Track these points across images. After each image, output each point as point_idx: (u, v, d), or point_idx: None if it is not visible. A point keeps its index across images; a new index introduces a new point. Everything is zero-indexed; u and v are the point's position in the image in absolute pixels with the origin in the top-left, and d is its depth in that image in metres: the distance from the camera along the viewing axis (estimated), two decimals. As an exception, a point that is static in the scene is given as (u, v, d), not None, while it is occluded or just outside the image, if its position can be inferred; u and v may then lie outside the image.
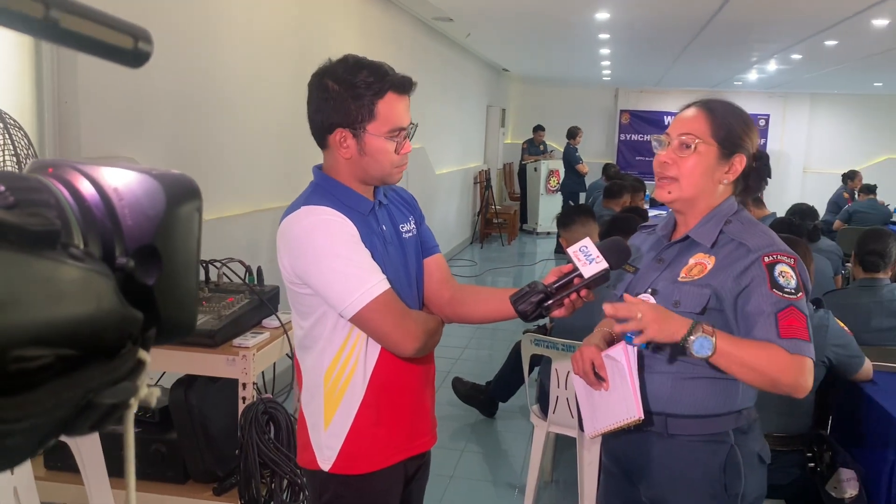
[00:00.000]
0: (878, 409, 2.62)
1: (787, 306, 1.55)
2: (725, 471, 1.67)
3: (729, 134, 1.66)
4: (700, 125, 1.67)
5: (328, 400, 1.67)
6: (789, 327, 1.54)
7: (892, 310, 3.38)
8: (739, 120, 1.70)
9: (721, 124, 1.66)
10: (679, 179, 1.67)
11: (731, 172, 1.68)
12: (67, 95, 2.94)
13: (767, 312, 1.55)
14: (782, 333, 1.53)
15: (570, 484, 3.59)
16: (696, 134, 1.66)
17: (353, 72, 1.58)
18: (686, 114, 1.71)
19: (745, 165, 1.69)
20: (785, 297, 1.56)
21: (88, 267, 0.39)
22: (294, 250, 1.60)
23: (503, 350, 5.47)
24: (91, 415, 0.39)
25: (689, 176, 1.66)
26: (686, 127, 1.67)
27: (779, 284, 1.57)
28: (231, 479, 2.45)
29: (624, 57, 10.09)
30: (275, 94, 4.48)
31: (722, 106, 1.71)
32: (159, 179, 0.47)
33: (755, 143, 1.72)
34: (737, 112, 1.72)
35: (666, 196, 1.71)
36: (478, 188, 11.43)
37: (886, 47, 7.84)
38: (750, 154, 1.70)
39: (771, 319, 1.55)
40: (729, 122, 1.68)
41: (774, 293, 1.56)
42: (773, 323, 1.54)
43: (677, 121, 1.72)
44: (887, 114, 14.13)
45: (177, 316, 0.48)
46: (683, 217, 1.74)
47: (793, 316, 1.54)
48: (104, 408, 0.39)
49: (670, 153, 1.68)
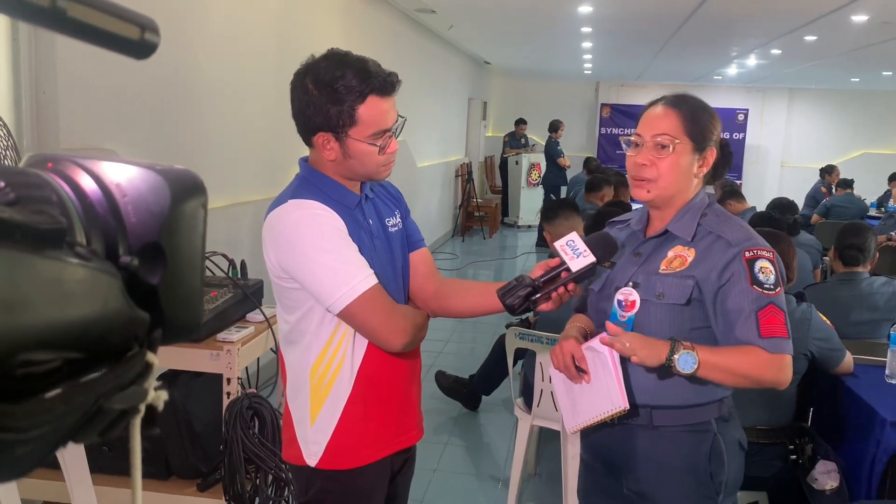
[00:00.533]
0: (859, 401, 2.66)
1: (766, 304, 1.58)
2: (710, 459, 1.69)
3: (700, 129, 1.68)
4: (673, 124, 1.67)
5: (314, 395, 1.66)
6: (769, 326, 1.57)
7: (871, 303, 3.42)
8: (706, 113, 1.72)
9: (692, 120, 1.68)
10: (657, 180, 1.68)
11: (704, 165, 1.71)
12: (46, 86, 2.89)
13: (748, 311, 1.59)
14: (763, 333, 1.57)
15: (553, 476, 3.61)
16: (672, 133, 1.66)
17: (335, 74, 1.53)
18: (655, 113, 1.71)
19: (716, 156, 1.72)
20: (765, 294, 1.59)
21: (95, 266, 0.38)
22: (281, 244, 1.58)
23: (485, 343, 5.48)
24: (100, 421, 0.37)
25: (667, 176, 1.67)
26: (659, 127, 1.68)
27: (759, 280, 1.59)
28: (215, 474, 2.43)
29: (605, 51, 10.11)
30: (257, 86, 4.44)
31: (688, 101, 1.72)
32: (163, 175, 0.46)
33: (719, 133, 1.75)
34: (703, 105, 1.74)
35: (645, 195, 1.72)
36: (459, 181, 11.41)
37: (865, 43, 7.92)
38: (718, 144, 1.73)
39: (752, 318, 1.58)
40: (697, 116, 1.69)
41: (754, 289, 1.59)
42: (754, 322, 1.58)
43: (648, 121, 1.71)
44: (864, 109, 14.30)
45: (182, 316, 0.46)
46: (659, 212, 1.75)
47: (772, 314, 1.58)
48: (114, 413, 0.38)
49: (646, 154, 1.68)
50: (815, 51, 8.77)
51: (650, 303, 1.67)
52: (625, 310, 1.70)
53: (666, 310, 1.66)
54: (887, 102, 14.15)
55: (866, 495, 2.52)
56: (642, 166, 1.69)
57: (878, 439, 2.51)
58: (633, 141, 1.73)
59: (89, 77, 3.05)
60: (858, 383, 2.77)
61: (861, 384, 2.76)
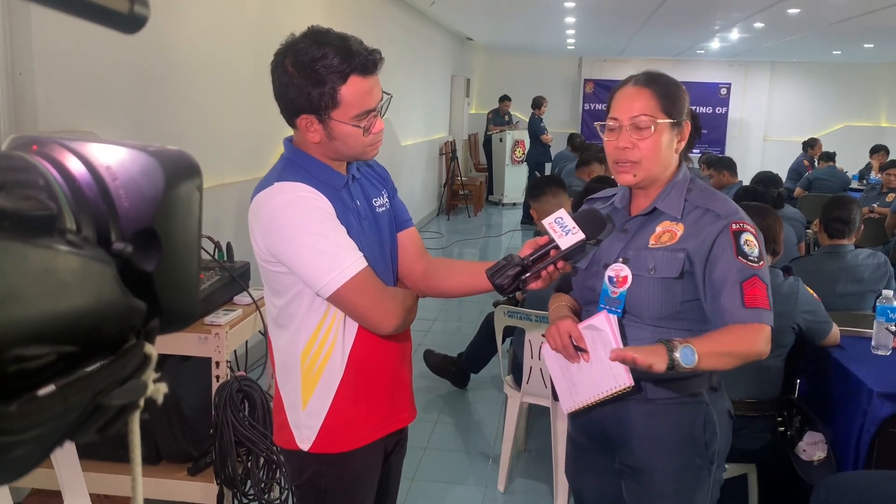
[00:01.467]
0: (846, 373, 2.68)
1: (751, 276, 1.60)
2: (705, 430, 1.71)
3: (674, 103, 1.68)
4: (648, 103, 1.66)
5: (305, 379, 1.64)
6: (753, 297, 1.59)
7: (856, 275, 3.45)
8: (677, 88, 1.72)
9: (664, 96, 1.67)
10: (641, 161, 1.67)
11: (682, 140, 1.71)
12: (22, 67, 2.82)
13: (733, 281, 1.60)
14: (746, 303, 1.59)
15: (542, 452, 3.63)
16: (649, 113, 1.65)
17: (314, 54, 1.48)
18: (628, 94, 1.69)
19: (690, 128, 1.72)
20: (749, 266, 1.61)
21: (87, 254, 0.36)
22: (268, 228, 1.55)
23: (472, 322, 5.48)
24: (99, 418, 0.35)
25: (651, 156, 1.66)
26: (636, 109, 1.66)
27: (744, 252, 1.62)
28: (206, 458, 2.42)
29: (589, 26, 10.05)
30: (238, 65, 4.37)
31: (658, 79, 1.71)
32: (156, 156, 0.44)
33: (689, 105, 1.74)
34: (672, 81, 1.73)
35: (631, 179, 1.70)
36: (443, 160, 11.36)
37: (847, 15, 7.92)
38: (689, 116, 1.73)
39: (736, 288, 1.60)
40: (670, 92, 1.68)
41: (740, 260, 1.61)
42: (739, 292, 1.59)
43: (622, 103, 1.69)
44: (845, 82, 14.34)
45: (178, 303, 0.44)
46: (643, 190, 1.75)
47: (756, 286, 1.60)
48: (113, 410, 0.36)
49: (627, 137, 1.66)
50: (798, 24, 8.76)
51: (642, 277, 1.67)
52: (616, 286, 1.69)
53: (658, 283, 1.66)
54: (868, 75, 14.21)
55: (854, 465, 2.55)
56: (624, 150, 1.67)
57: (865, 410, 2.53)
58: (608, 126, 1.71)
59: (67, 57, 2.99)
60: (845, 355, 2.79)
61: (848, 356, 2.78)
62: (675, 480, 1.73)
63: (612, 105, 1.71)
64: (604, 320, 1.66)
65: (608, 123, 1.71)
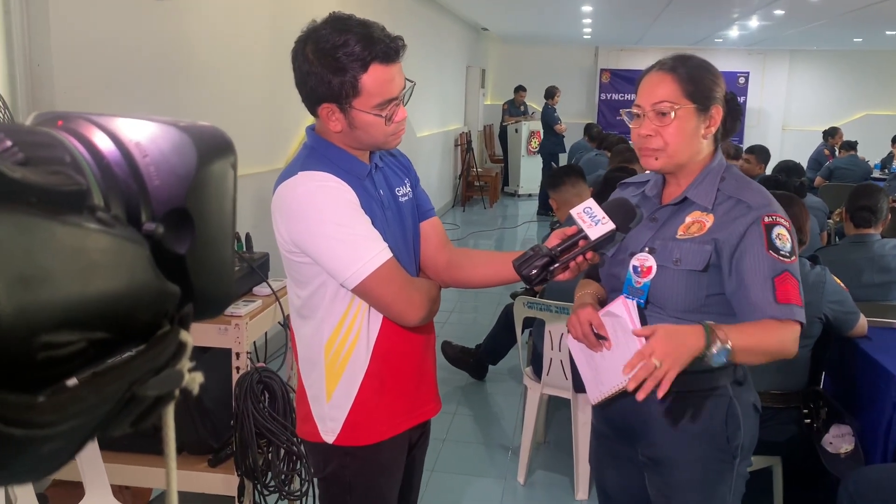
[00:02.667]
0: (874, 364, 2.63)
1: (783, 271, 1.55)
2: (727, 423, 1.67)
3: (700, 88, 1.62)
4: (670, 89, 1.61)
5: (330, 371, 1.62)
6: (785, 293, 1.54)
7: (883, 265, 3.38)
8: (705, 71, 1.66)
9: (690, 81, 1.62)
10: (665, 148, 1.63)
11: (711, 125, 1.65)
12: (40, 58, 2.81)
13: (764, 275, 1.55)
14: (779, 298, 1.53)
15: (561, 444, 3.60)
16: (671, 99, 1.61)
17: (336, 42, 1.45)
18: (651, 81, 1.65)
19: (722, 113, 1.66)
20: (781, 261, 1.55)
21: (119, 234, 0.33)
22: (292, 218, 1.53)
23: (488, 313, 5.45)
24: (133, 409, 0.33)
25: (674, 143, 1.62)
26: (657, 95, 1.62)
27: (775, 246, 1.56)
28: (226, 449, 2.41)
29: (606, 14, 9.95)
30: (254, 55, 4.35)
31: (683, 62, 1.65)
32: (188, 132, 0.41)
33: (724, 88, 1.68)
34: (700, 64, 1.67)
35: (654, 164, 1.66)
36: (459, 151, 11.31)
37: (870, 1, 7.79)
38: (723, 101, 1.67)
39: (768, 283, 1.54)
40: (696, 75, 1.63)
41: (770, 255, 1.55)
42: (770, 287, 1.54)
43: (645, 90, 1.65)
44: (866, 70, 14.13)
45: (212, 288, 0.41)
46: (674, 177, 1.71)
47: (788, 282, 1.54)
48: (148, 401, 0.33)
49: (649, 125, 1.63)
50: (819, 10, 8.63)
51: (666, 269, 1.63)
52: (640, 276, 1.65)
53: (683, 276, 1.62)
54: (890, 62, 13.98)
55: (882, 458, 2.50)
56: (647, 137, 1.63)
57: (893, 402, 2.48)
58: (633, 112, 1.67)
59: (84, 48, 2.98)
60: (872, 346, 2.74)
61: (875, 346, 2.73)
62: (697, 473, 1.70)
63: (638, 91, 1.68)
64: (621, 306, 1.62)
65: (633, 110, 1.67)
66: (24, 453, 0.27)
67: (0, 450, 0.26)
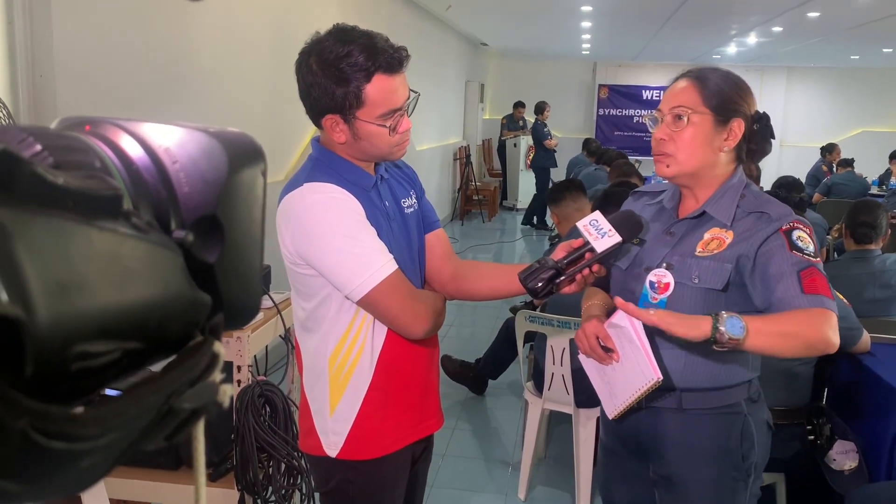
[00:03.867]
0: (878, 380, 2.61)
1: (808, 266, 1.50)
2: (742, 442, 1.65)
3: (722, 100, 1.61)
4: (690, 95, 1.61)
5: (333, 384, 1.60)
6: (812, 284, 1.49)
7: (884, 281, 3.38)
8: (732, 84, 1.65)
9: (713, 91, 1.61)
10: (676, 154, 1.61)
11: (730, 139, 1.63)
12: (43, 69, 2.81)
13: (789, 272, 1.50)
14: (806, 289, 1.48)
15: (562, 460, 3.58)
16: (687, 105, 1.60)
17: (339, 52, 1.45)
18: (676, 86, 1.66)
19: (745, 129, 1.63)
20: (805, 258, 1.52)
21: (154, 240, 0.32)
22: (297, 230, 1.52)
23: (487, 327, 5.44)
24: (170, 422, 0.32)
25: (685, 149, 1.60)
26: (677, 100, 1.62)
27: (798, 247, 1.53)
28: (227, 463, 2.39)
29: (605, 30, 10.01)
30: (255, 68, 4.36)
31: (713, 73, 1.65)
32: (218, 138, 0.40)
33: (752, 106, 1.66)
34: (729, 77, 1.67)
35: (665, 171, 1.65)
36: (458, 165, 11.32)
37: (867, 19, 7.84)
38: (748, 117, 1.64)
39: (793, 278, 1.49)
40: (721, 86, 1.62)
41: (794, 254, 1.52)
42: (797, 281, 1.49)
43: (668, 95, 1.66)
44: (863, 87, 14.22)
45: (241, 298, 0.40)
46: (690, 190, 1.68)
47: (814, 275, 1.50)
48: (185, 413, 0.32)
49: (664, 129, 1.62)
50: (817, 27, 8.68)
51: (684, 286, 1.60)
52: (657, 292, 1.64)
53: (701, 294, 1.59)
54: (887, 80, 14.06)
55: (886, 475, 2.48)
56: (661, 141, 1.63)
57: (898, 419, 2.47)
58: (654, 117, 1.67)
59: (86, 60, 2.98)
60: (875, 362, 2.72)
61: (878, 363, 2.71)
62: (710, 493, 1.68)
63: (662, 98, 1.69)
64: (624, 316, 1.60)
65: (655, 114, 1.67)
66: (64, 467, 0.26)
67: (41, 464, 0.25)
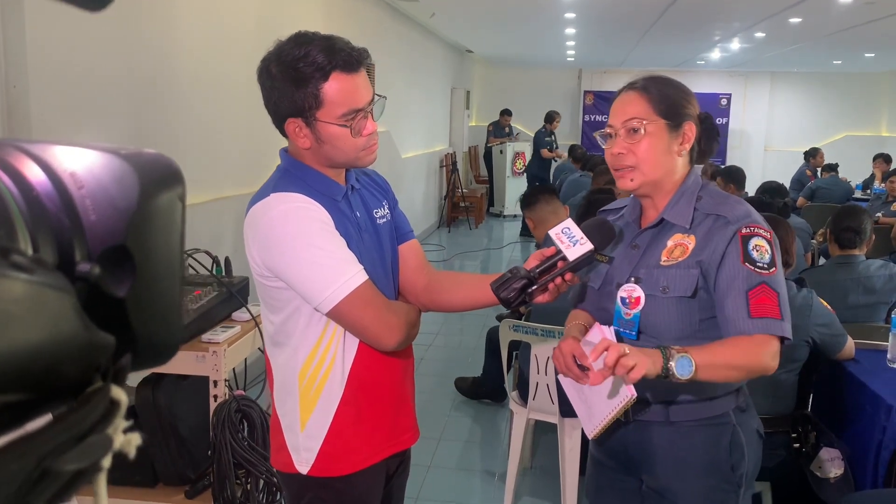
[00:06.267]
0: (862, 387, 2.60)
1: (758, 283, 1.50)
2: (731, 452, 1.63)
3: (671, 105, 1.61)
4: (640, 106, 1.60)
5: (304, 399, 1.57)
6: (759, 306, 1.49)
7: (868, 286, 3.38)
8: (675, 89, 1.65)
9: (660, 98, 1.61)
10: (638, 166, 1.61)
11: (685, 142, 1.63)
12: (16, 79, 2.76)
13: (738, 289, 1.50)
14: (752, 312, 1.49)
15: (548, 470, 3.54)
16: (640, 116, 1.59)
17: (296, 54, 1.44)
18: (622, 100, 1.65)
19: (696, 131, 1.64)
20: (756, 273, 1.50)
21: (39, 280, 0.29)
22: (264, 241, 1.48)
23: (475, 335, 5.41)
24: (49, 486, 0.28)
25: (647, 159, 1.60)
26: (628, 113, 1.61)
27: (752, 258, 1.51)
28: (204, 480, 2.34)
29: (589, 37, 10.02)
30: (237, 78, 4.32)
31: (655, 81, 1.65)
32: (129, 160, 0.37)
33: (696, 107, 1.67)
34: (671, 83, 1.67)
35: (630, 184, 1.64)
36: (444, 172, 11.31)
37: (849, 24, 7.89)
38: (696, 119, 1.65)
39: (741, 298, 1.50)
40: (666, 93, 1.62)
41: (746, 266, 1.51)
42: (744, 301, 1.50)
43: (617, 110, 1.65)
44: (846, 92, 14.32)
45: (157, 334, 0.37)
46: (651, 200, 1.68)
47: (763, 294, 1.49)
48: (66, 476, 0.29)
49: (621, 143, 1.61)
50: (799, 33, 8.72)
51: (655, 297, 1.59)
52: (629, 307, 1.62)
53: (672, 303, 1.58)
54: (869, 84, 14.18)
55: (872, 483, 2.47)
56: (619, 155, 1.62)
57: (883, 426, 2.45)
58: (606, 133, 1.66)
59: (62, 69, 2.93)
60: (860, 368, 2.71)
61: (863, 369, 2.70)
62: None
63: (610, 113, 1.67)
64: (597, 333, 1.59)
65: (606, 131, 1.66)
66: None
67: None
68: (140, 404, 2.28)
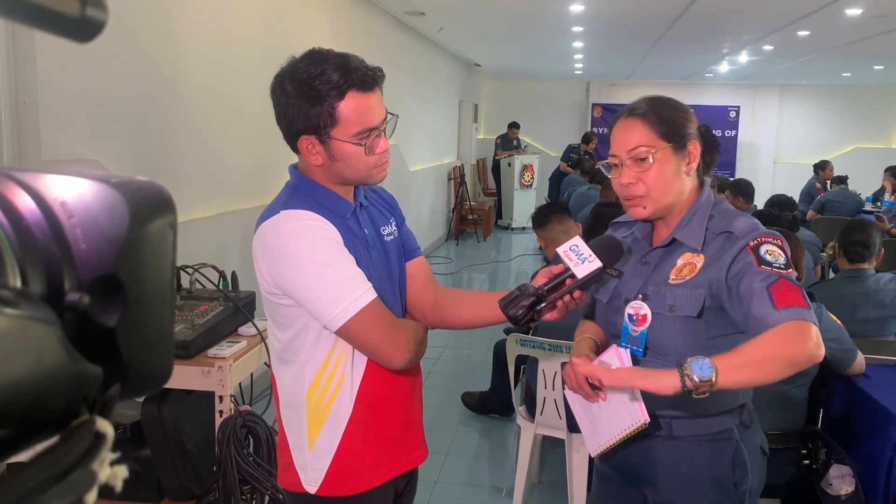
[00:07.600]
0: (874, 403, 2.57)
1: (777, 279, 1.45)
2: (734, 468, 1.62)
3: (672, 126, 1.60)
4: (643, 133, 1.59)
5: (312, 418, 1.56)
6: (784, 297, 1.43)
7: (878, 300, 3.35)
8: (675, 109, 1.64)
9: (661, 121, 1.59)
10: (648, 194, 1.59)
11: (691, 161, 1.62)
12: (26, 96, 2.79)
13: (759, 288, 1.45)
14: (778, 304, 1.42)
15: (556, 485, 3.52)
16: (646, 143, 1.58)
17: (312, 72, 1.44)
18: (623, 128, 1.62)
19: (699, 148, 1.63)
20: (774, 271, 1.47)
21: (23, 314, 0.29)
22: (273, 258, 1.48)
23: (482, 349, 5.39)
24: None
25: (656, 187, 1.59)
26: (632, 141, 1.59)
27: (766, 261, 1.49)
28: (209, 496, 2.33)
29: (597, 50, 10.04)
30: (244, 92, 4.34)
31: (650, 103, 1.63)
32: (120, 189, 0.37)
33: (696, 123, 1.65)
34: (669, 103, 1.65)
35: (642, 213, 1.63)
36: (452, 185, 11.32)
37: (857, 37, 7.87)
38: (698, 136, 1.64)
39: (764, 294, 1.44)
40: (666, 115, 1.60)
41: (763, 269, 1.47)
42: (767, 297, 1.44)
43: (618, 138, 1.62)
44: (855, 104, 14.27)
45: (147, 363, 0.37)
46: (663, 220, 1.67)
47: (785, 287, 1.44)
48: None
49: (628, 173, 1.60)
50: (807, 46, 8.71)
51: (662, 316, 1.58)
52: (636, 324, 1.61)
53: (679, 322, 1.57)
54: (878, 96, 14.13)
55: (883, 500, 2.44)
56: (629, 186, 1.60)
57: (893, 442, 2.42)
58: (610, 163, 1.64)
59: (71, 85, 2.95)
60: (871, 384, 2.68)
61: (873, 385, 2.67)
62: None
63: (611, 141, 1.65)
64: (614, 355, 1.58)
65: (609, 161, 1.64)
66: None
67: None
68: (145, 419, 2.28)
